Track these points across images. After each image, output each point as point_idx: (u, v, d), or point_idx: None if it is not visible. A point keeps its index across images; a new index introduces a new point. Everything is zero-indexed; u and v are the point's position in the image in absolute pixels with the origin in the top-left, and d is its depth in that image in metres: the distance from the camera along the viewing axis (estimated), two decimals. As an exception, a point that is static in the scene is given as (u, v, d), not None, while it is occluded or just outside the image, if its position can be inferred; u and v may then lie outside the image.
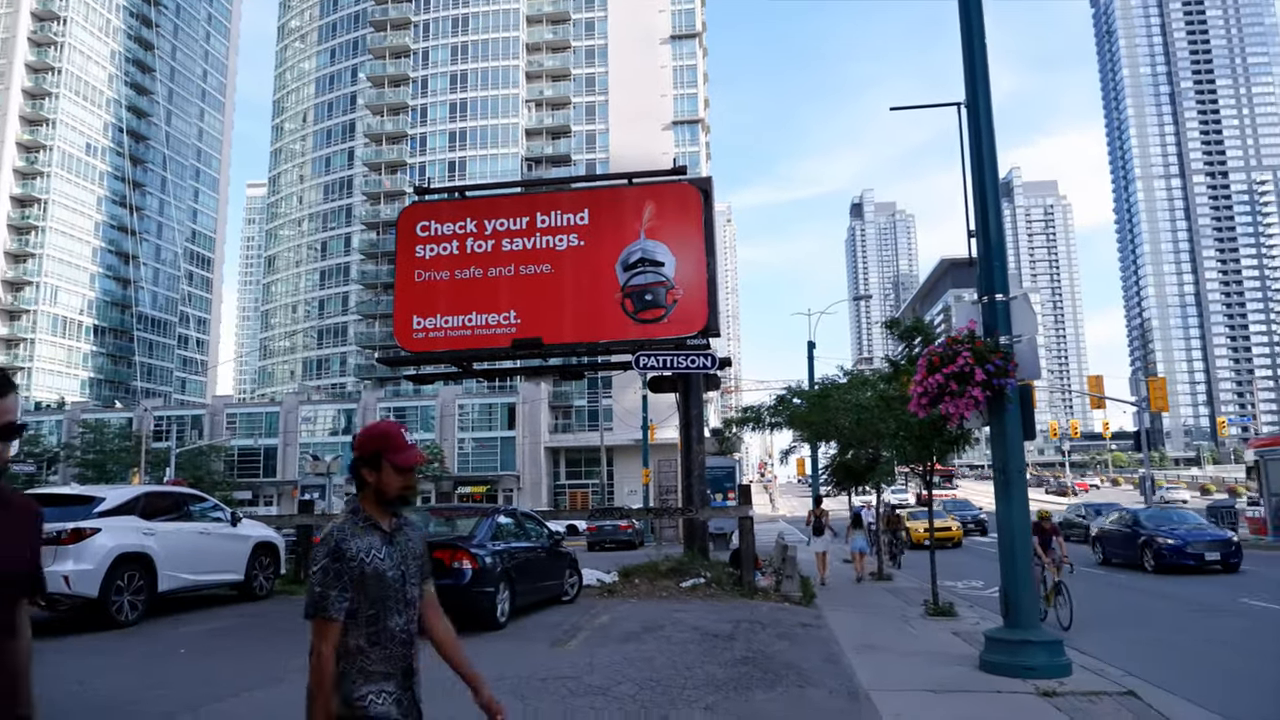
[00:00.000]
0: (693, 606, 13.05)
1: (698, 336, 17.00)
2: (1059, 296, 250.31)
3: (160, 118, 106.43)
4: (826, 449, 24.20)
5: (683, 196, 17.62)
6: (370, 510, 2.72)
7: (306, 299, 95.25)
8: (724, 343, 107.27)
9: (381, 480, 2.70)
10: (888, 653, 10.10)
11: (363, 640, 2.62)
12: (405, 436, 2.76)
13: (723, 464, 34.14)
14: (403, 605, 2.71)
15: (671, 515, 23.73)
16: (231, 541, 13.16)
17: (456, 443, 72.59)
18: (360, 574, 2.61)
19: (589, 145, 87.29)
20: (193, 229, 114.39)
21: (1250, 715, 7.82)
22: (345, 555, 2.60)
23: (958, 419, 9.22)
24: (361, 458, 2.72)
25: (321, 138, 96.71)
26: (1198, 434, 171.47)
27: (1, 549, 2.09)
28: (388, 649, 2.67)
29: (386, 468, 2.70)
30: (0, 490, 2.22)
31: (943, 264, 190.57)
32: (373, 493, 2.72)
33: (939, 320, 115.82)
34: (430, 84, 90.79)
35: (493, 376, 59.76)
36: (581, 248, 17.53)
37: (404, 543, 2.78)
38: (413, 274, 17.96)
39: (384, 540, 2.70)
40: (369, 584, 2.62)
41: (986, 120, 9.60)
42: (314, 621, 2.57)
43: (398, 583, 2.69)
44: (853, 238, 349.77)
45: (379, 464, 2.71)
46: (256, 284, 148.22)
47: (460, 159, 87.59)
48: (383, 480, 2.70)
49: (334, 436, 73.94)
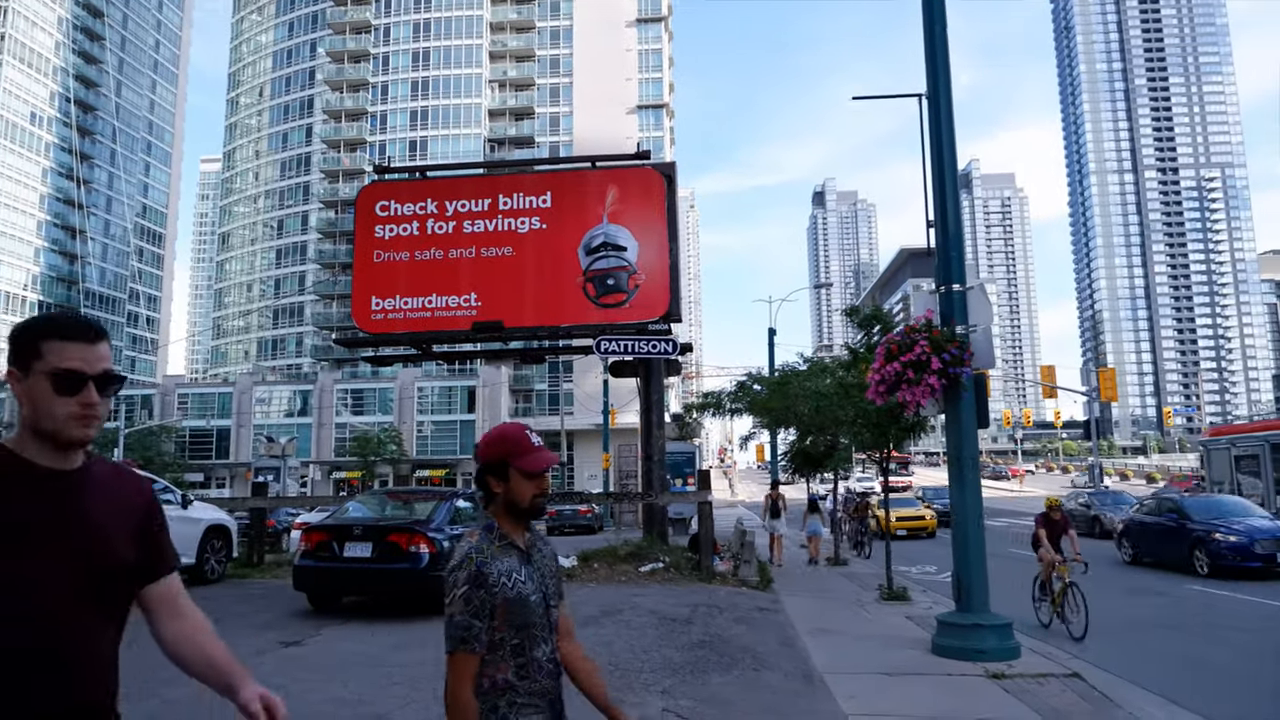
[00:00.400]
0: (651, 591, 13.11)
1: (659, 322, 17.01)
2: (1014, 287, 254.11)
3: (110, 88, 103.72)
4: (786, 435, 24.38)
5: (646, 181, 17.57)
6: (505, 526, 2.47)
7: (262, 278, 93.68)
8: (686, 328, 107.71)
9: (511, 489, 2.45)
10: (842, 636, 10.24)
11: (510, 674, 2.38)
12: (532, 437, 2.50)
13: (683, 449, 34.29)
14: (547, 632, 2.48)
15: (631, 500, 23.80)
16: (181, 524, 12.92)
17: (415, 425, 72.00)
18: (503, 600, 2.35)
19: (553, 127, 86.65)
20: (143, 204, 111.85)
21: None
22: (487, 581, 2.33)
23: (914, 407, 9.35)
24: (486, 467, 2.48)
25: (279, 113, 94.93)
26: (1145, 424, 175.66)
27: (99, 538, 1.83)
28: (536, 681, 2.43)
29: (515, 475, 2.45)
30: (97, 466, 1.92)
31: (902, 253, 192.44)
32: (504, 504, 2.47)
33: (898, 309, 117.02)
34: (391, 61, 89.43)
35: (453, 359, 59.27)
36: (544, 231, 17.43)
37: (541, 561, 2.53)
38: (372, 254, 17.74)
39: (522, 560, 2.45)
40: (513, 611, 2.37)
41: (947, 112, 9.69)
42: (453, 656, 2.35)
43: (540, 607, 2.45)
44: (815, 226, 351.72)
45: (506, 472, 2.46)
46: (210, 261, 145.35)
47: (421, 138, 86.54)
48: (513, 489, 2.45)
49: (289, 418, 72.98)
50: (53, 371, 1.76)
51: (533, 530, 2.57)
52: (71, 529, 1.79)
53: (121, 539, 1.89)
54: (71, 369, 1.77)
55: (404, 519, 11.63)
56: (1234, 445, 27.23)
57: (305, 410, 73.25)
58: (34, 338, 1.79)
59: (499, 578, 2.36)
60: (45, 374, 1.77)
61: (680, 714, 6.47)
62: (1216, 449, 28.72)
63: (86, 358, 1.80)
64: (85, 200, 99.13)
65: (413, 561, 10.53)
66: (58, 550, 1.76)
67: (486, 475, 2.48)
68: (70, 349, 1.78)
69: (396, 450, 67.37)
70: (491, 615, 2.34)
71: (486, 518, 2.49)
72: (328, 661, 8.10)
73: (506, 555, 2.41)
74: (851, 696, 7.17)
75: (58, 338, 1.78)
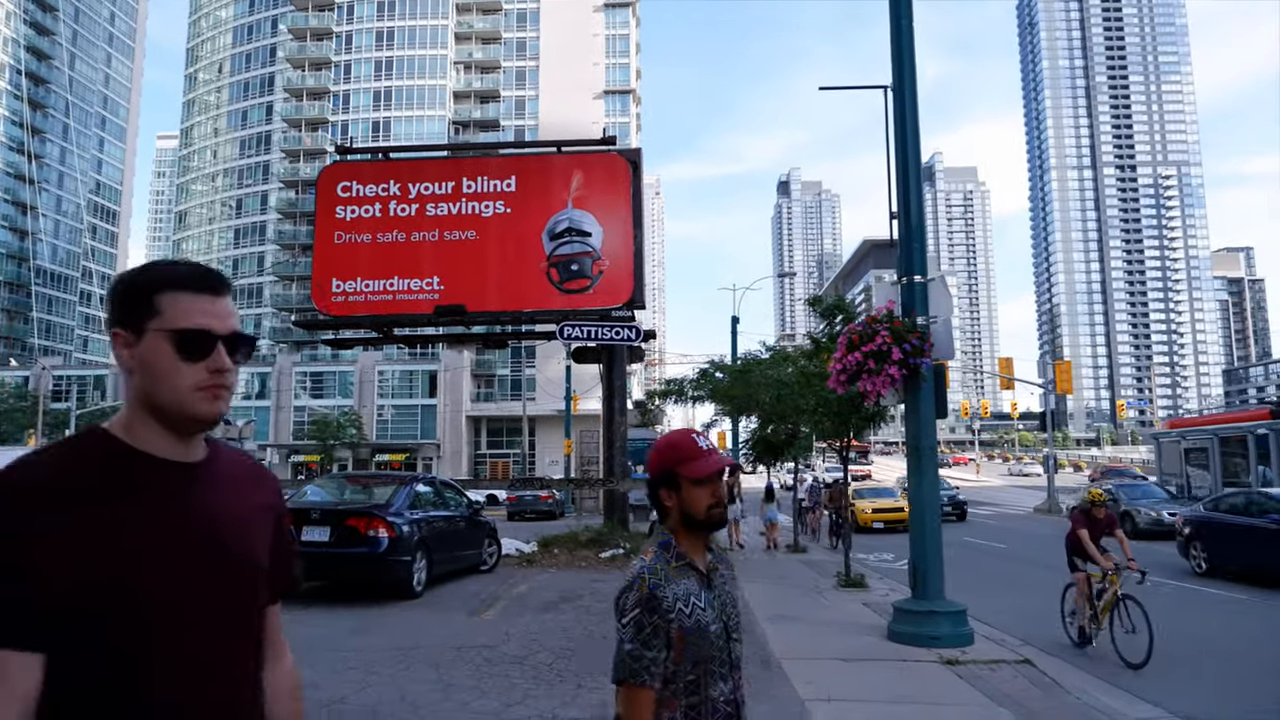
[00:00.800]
0: (611, 577, 13.13)
1: (623, 308, 17.00)
2: (975, 280, 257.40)
3: (63, 61, 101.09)
4: (747, 423, 24.51)
5: (612, 167, 17.52)
6: (683, 543, 2.23)
7: (220, 258, 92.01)
8: (649, 315, 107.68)
9: (684, 500, 2.22)
10: (800, 623, 10.34)
11: (679, 714, 2.13)
12: (699, 441, 2.28)
13: (645, 436, 34.33)
14: (727, 668, 2.21)
15: (592, 486, 23.82)
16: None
17: (376, 410, 71.39)
18: (679, 629, 2.10)
19: (518, 111, 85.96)
20: (97, 180, 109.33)
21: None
22: (661, 606, 2.09)
23: (875, 396, 9.43)
24: (656, 480, 2.27)
25: (238, 90, 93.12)
26: (1098, 416, 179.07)
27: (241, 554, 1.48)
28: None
29: (685, 484, 2.21)
30: (225, 455, 1.56)
31: (865, 244, 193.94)
32: (678, 518, 2.24)
33: (860, 299, 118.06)
34: (355, 40, 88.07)
35: (414, 343, 58.77)
36: (508, 215, 17.33)
37: (721, 585, 2.28)
38: (332, 235, 17.53)
39: (701, 583, 2.21)
40: (690, 642, 2.12)
41: (912, 105, 9.75)
42: (624, 688, 2.09)
43: (720, 639, 2.19)
44: (779, 215, 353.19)
45: (676, 482, 2.23)
46: (166, 240, 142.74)
47: (385, 119, 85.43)
48: (685, 500, 2.22)
49: (247, 401, 71.95)
50: (175, 331, 1.41)
51: (715, 550, 2.34)
52: (210, 542, 1.43)
53: (261, 552, 1.55)
54: (199, 327, 1.43)
55: (363, 503, 11.55)
56: (1184, 438, 27.84)
57: (263, 393, 72.31)
58: (149, 290, 1.44)
59: (674, 602, 2.11)
60: (165, 334, 1.42)
61: (638, 699, 6.48)
62: (1167, 441, 29.36)
63: (215, 313, 1.46)
64: (37, 175, 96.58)
65: (371, 546, 10.46)
66: (196, 570, 1.40)
67: (658, 489, 2.27)
68: (195, 303, 1.44)
69: (356, 434, 66.81)
70: (667, 645, 2.09)
71: (662, 534, 2.27)
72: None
73: (684, 577, 2.17)
74: (809, 682, 7.25)
75: (179, 289, 1.44)
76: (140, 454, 1.41)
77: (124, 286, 1.46)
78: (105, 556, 1.29)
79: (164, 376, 1.41)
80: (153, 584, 1.33)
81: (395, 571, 10.68)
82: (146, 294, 1.44)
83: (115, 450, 1.41)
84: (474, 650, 7.99)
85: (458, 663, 7.50)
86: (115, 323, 1.45)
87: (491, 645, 8.22)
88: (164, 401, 1.42)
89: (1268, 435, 22.93)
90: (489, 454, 74.67)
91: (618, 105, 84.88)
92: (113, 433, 1.43)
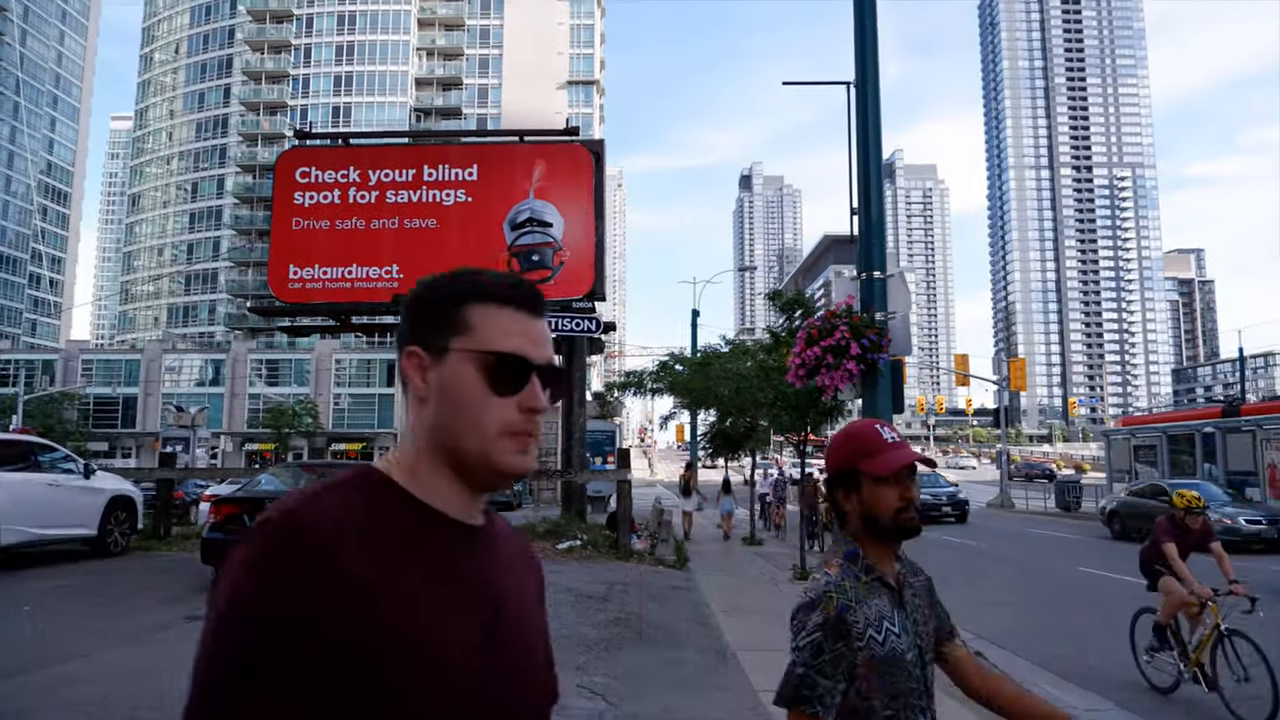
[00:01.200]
0: (568, 568, 13.13)
1: (583, 300, 16.99)
2: (933, 277, 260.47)
3: (14, 37, 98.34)
4: (706, 416, 24.63)
5: (574, 158, 17.47)
6: (870, 553, 1.91)
7: (174, 242, 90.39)
8: (609, 307, 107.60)
9: (866, 502, 1.90)
10: (755, 614, 10.43)
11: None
12: (883, 431, 1.93)
13: (603, 428, 34.37)
14: (925, 699, 1.88)
15: (550, 477, 23.76)
16: (84, 494, 12.48)
17: (332, 398, 70.64)
18: (868, 659, 1.79)
19: (481, 99, 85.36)
20: (48, 160, 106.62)
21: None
22: (850, 633, 1.78)
23: (832, 391, 9.51)
24: (834, 480, 1.97)
25: (195, 71, 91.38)
26: (1051, 413, 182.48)
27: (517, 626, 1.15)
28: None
29: (866, 482, 1.89)
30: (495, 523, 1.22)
31: (826, 240, 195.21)
32: (861, 524, 1.92)
33: (819, 294, 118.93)
34: (316, 23, 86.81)
35: (372, 332, 58.19)
36: (469, 204, 17.21)
37: (913, 601, 1.95)
38: (290, 221, 17.29)
39: (894, 601, 1.89)
40: (882, 672, 1.80)
41: (874, 102, 9.82)
42: (792, 714, 1.82)
43: (915, 667, 1.86)
44: (741, 209, 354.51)
45: (856, 480, 1.91)
46: (119, 223, 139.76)
47: (345, 104, 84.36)
48: (867, 501, 1.89)
49: (200, 387, 70.82)
50: (488, 353, 1.11)
51: (903, 558, 2.01)
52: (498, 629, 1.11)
53: (543, 647, 1.25)
54: (516, 352, 1.12)
55: (318, 493, 11.40)
56: (1133, 435, 28.46)
57: (217, 380, 71.17)
58: (458, 299, 1.14)
59: (865, 629, 1.80)
60: (474, 357, 1.11)
61: (594, 689, 6.50)
62: (1117, 438, 30.01)
63: (532, 337, 1.15)
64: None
65: (326, 536, 10.34)
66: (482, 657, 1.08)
67: (836, 489, 1.97)
68: (514, 321, 1.14)
69: (312, 423, 66.04)
70: (851, 676, 1.79)
71: (846, 543, 1.94)
72: (234, 637, 7.89)
73: (875, 596, 1.86)
74: (764, 672, 7.31)
75: (494, 301, 1.14)
76: (429, 509, 1.10)
77: (428, 293, 1.17)
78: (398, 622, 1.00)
79: (468, 411, 1.10)
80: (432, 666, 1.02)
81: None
82: (455, 304, 1.14)
83: (403, 502, 1.09)
84: (429, 641, 7.95)
85: (412, 654, 7.45)
86: (411, 337, 1.16)
87: (447, 636, 8.18)
88: (465, 445, 1.10)
89: (1214, 434, 23.52)
90: (448, 444, 74.25)
91: (581, 95, 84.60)
92: (393, 477, 1.11)
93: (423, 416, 1.13)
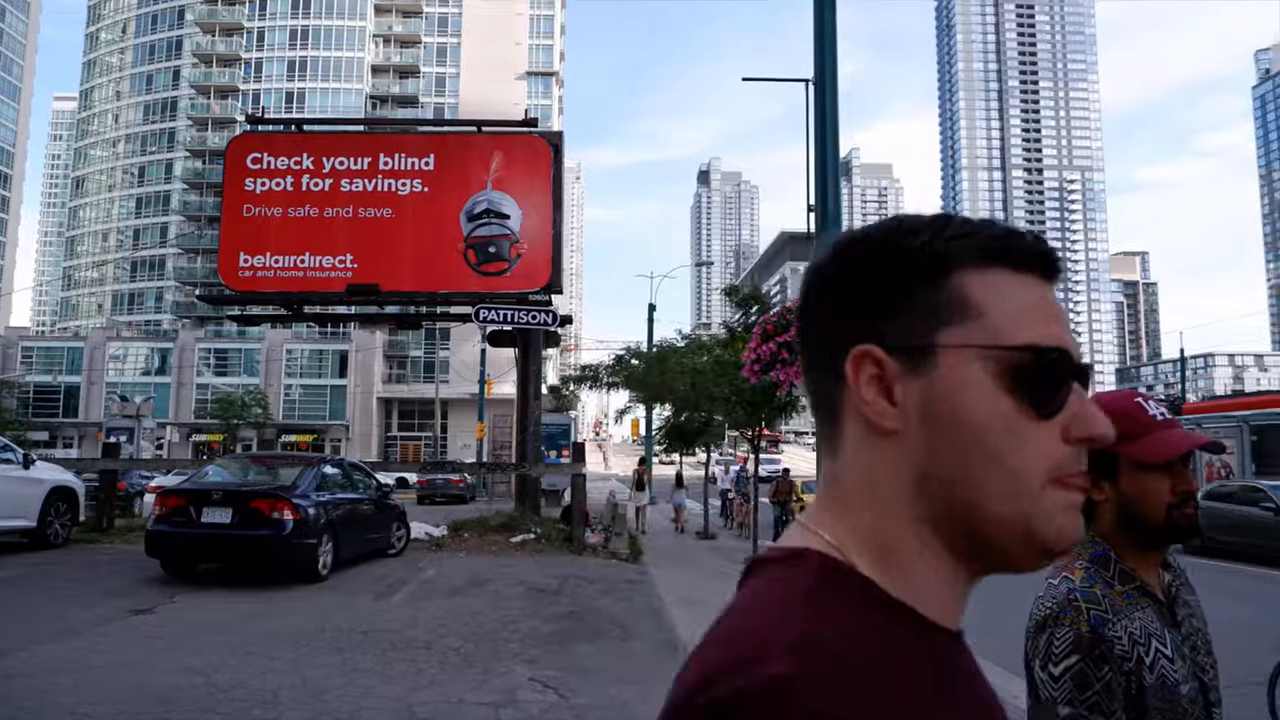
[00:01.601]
0: (521, 562, 13.10)
1: (540, 292, 16.93)
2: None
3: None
4: (661, 411, 24.69)
5: (533, 149, 17.39)
6: (1126, 557, 1.49)
7: (120, 227, 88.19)
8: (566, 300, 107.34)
9: (1126, 494, 1.48)
10: (708, 607, 10.48)
11: None
12: (1148, 407, 1.51)
13: (559, 421, 34.26)
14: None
15: (505, 470, 23.70)
16: (22, 485, 12.17)
17: (283, 389, 69.55)
18: (1138, 687, 1.37)
19: (439, 88, 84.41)
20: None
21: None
22: (1113, 651, 1.37)
23: (787, 386, 9.61)
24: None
25: (143, 52, 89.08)
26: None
27: None
28: None
29: (1127, 471, 1.48)
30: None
31: (782, 236, 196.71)
32: (1118, 520, 1.50)
33: (776, 290, 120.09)
34: (269, 6, 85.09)
35: (325, 322, 57.38)
36: (425, 194, 17.06)
37: (1189, 619, 1.53)
38: (241, 208, 16.99)
39: (1163, 619, 1.46)
40: (1151, 709, 1.37)
41: (832, 100, 9.90)
42: None
43: (1197, 706, 1.42)
44: (699, 204, 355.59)
45: (1113, 467, 1.48)
46: (62, 207, 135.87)
47: (299, 90, 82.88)
48: (1128, 493, 1.48)
49: (146, 376, 69.26)
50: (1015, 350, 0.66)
51: (1173, 565, 1.60)
52: None
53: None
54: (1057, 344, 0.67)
55: (268, 484, 11.25)
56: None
57: (164, 369, 69.72)
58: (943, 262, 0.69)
59: (1131, 647, 1.38)
60: (990, 356, 0.66)
61: (545, 682, 6.51)
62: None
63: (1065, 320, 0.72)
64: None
65: (276, 528, 10.21)
66: None
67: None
68: (1039, 296, 0.70)
69: (262, 414, 65.00)
70: (1128, 709, 1.36)
71: (1093, 543, 1.51)
72: (180, 630, 7.77)
73: (1137, 608, 1.43)
74: (714, 666, 7.37)
75: (1005, 263, 0.70)
76: (909, 612, 0.66)
77: (878, 253, 0.71)
78: None
79: (988, 446, 0.65)
80: None
81: (300, 554, 10.44)
82: (939, 270, 0.69)
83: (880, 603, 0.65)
84: (380, 635, 7.89)
85: (363, 647, 7.39)
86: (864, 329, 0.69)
87: (398, 630, 8.12)
88: (989, 508, 0.65)
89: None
90: (400, 436, 73.58)
91: (540, 87, 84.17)
92: (858, 568, 0.67)
93: (897, 461, 0.68)
